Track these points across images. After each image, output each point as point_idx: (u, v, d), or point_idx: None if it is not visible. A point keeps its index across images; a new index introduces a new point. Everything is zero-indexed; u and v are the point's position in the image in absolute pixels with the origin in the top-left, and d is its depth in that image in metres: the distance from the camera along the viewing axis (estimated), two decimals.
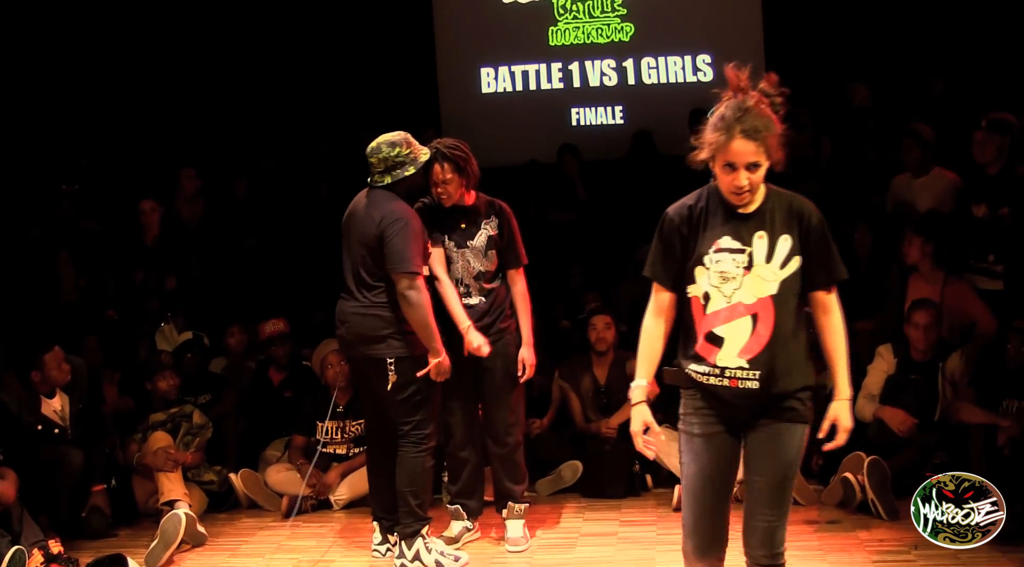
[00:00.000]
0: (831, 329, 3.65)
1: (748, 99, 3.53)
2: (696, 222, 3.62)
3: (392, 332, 5.27)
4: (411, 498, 5.37)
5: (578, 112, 11.25)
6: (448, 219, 5.62)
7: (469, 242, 5.63)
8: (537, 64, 11.27)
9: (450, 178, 5.48)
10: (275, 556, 5.84)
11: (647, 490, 6.77)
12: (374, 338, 5.29)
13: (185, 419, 6.91)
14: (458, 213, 5.64)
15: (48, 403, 6.44)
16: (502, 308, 5.68)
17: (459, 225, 5.63)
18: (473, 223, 5.65)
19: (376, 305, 5.29)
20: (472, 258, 5.62)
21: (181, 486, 6.34)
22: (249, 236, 9.37)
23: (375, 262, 5.27)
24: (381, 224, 5.22)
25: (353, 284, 5.38)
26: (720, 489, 3.75)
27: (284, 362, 7.63)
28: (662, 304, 3.71)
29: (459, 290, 5.57)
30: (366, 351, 5.33)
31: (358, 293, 5.35)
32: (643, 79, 11.13)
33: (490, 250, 5.64)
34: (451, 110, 11.21)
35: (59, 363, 6.45)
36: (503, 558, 5.62)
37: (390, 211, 5.26)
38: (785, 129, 3.52)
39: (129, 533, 6.40)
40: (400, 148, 5.32)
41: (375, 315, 5.29)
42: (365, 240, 5.28)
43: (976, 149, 7.07)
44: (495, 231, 5.66)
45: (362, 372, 5.47)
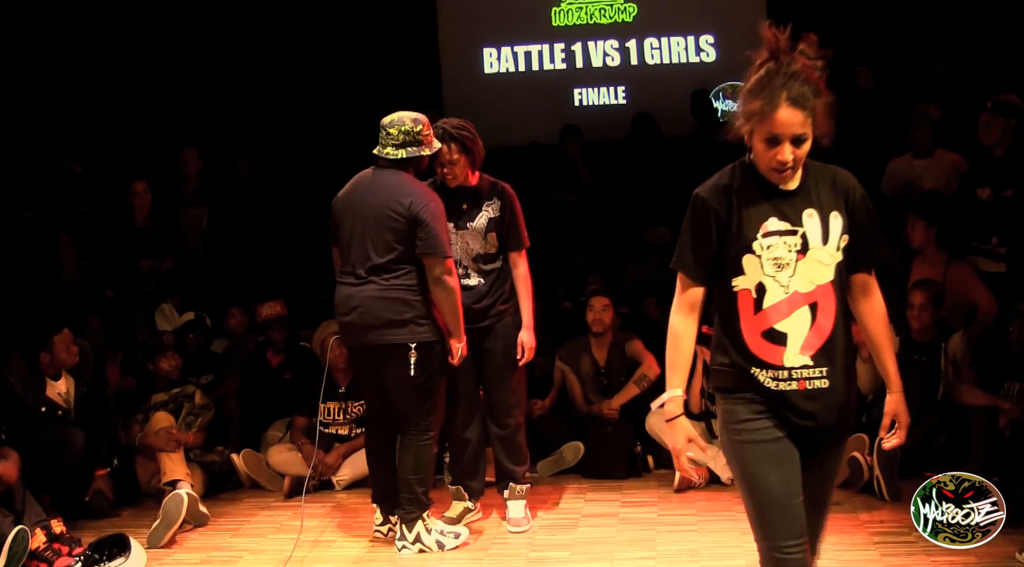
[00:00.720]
0: (876, 314, 3.29)
1: (793, 62, 3.05)
2: (733, 204, 3.13)
3: (414, 316, 5.20)
4: (417, 486, 5.34)
5: (581, 93, 11.23)
6: (450, 200, 5.54)
7: (469, 224, 5.60)
8: (540, 45, 11.25)
9: (457, 158, 5.47)
10: (277, 536, 5.85)
11: (648, 471, 6.78)
12: (394, 322, 5.18)
13: (187, 399, 6.91)
14: (460, 194, 5.60)
15: (53, 385, 6.44)
16: (502, 290, 5.65)
17: (461, 206, 5.59)
18: (475, 205, 5.62)
19: (397, 288, 5.20)
20: (471, 240, 5.59)
21: (183, 466, 6.35)
22: (251, 216, 9.36)
23: (397, 243, 5.18)
24: (413, 207, 5.14)
25: (363, 267, 5.24)
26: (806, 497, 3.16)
27: (281, 344, 7.62)
28: (694, 301, 3.22)
29: (458, 271, 5.49)
30: (384, 337, 5.20)
31: (373, 276, 5.22)
32: (646, 59, 11.11)
33: (490, 232, 5.61)
34: (453, 91, 11.19)
35: (68, 345, 6.45)
36: (504, 538, 5.62)
37: (420, 193, 5.22)
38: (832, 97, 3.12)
39: (131, 513, 6.43)
40: (422, 127, 5.29)
41: (397, 299, 5.19)
42: (389, 221, 5.17)
43: (981, 131, 7.05)
44: (496, 213, 5.62)
45: (371, 359, 5.33)
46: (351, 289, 5.28)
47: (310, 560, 5.41)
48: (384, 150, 5.29)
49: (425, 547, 5.37)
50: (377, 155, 5.33)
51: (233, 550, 5.67)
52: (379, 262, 5.21)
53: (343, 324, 5.39)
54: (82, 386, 6.56)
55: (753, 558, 5.00)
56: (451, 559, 5.34)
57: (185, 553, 5.66)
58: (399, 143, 5.26)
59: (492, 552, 5.42)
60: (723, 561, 5.09)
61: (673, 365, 3.25)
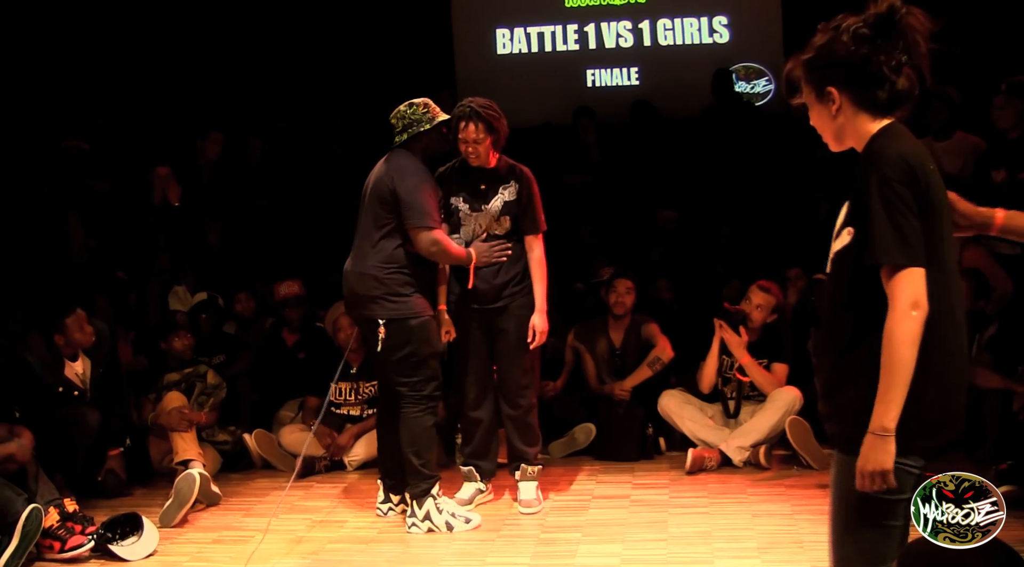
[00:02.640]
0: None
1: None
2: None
3: (383, 293, 5.27)
4: (414, 457, 5.37)
5: (593, 74, 11.19)
6: (469, 181, 5.61)
7: (484, 205, 5.60)
8: (553, 25, 11.21)
9: (482, 138, 5.47)
10: (288, 516, 5.86)
11: (660, 453, 6.78)
12: (367, 298, 5.31)
13: (199, 379, 6.93)
14: (479, 174, 5.61)
15: (71, 366, 6.45)
16: (514, 271, 5.64)
17: (479, 187, 5.61)
18: (492, 187, 5.61)
19: (373, 265, 5.30)
20: (484, 221, 5.60)
21: (195, 446, 6.37)
22: (263, 196, 9.36)
23: (384, 217, 5.29)
24: (395, 179, 5.26)
25: (360, 243, 5.40)
26: None
27: (297, 324, 7.64)
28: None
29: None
30: (363, 311, 5.37)
31: (359, 252, 5.37)
32: (659, 41, 11.06)
33: (504, 215, 5.60)
34: (466, 71, 11.16)
35: (81, 325, 6.44)
36: (516, 520, 5.63)
37: (404, 166, 5.31)
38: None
39: (144, 492, 6.45)
40: (417, 107, 5.39)
41: (369, 275, 5.30)
42: (378, 195, 5.31)
43: (996, 114, 7.02)
44: (512, 196, 5.61)
45: (367, 334, 5.46)
46: (348, 263, 5.46)
47: (322, 540, 5.42)
48: (394, 141, 5.44)
49: (435, 526, 5.37)
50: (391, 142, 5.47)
51: (245, 530, 5.68)
52: (371, 238, 5.33)
53: (344, 297, 5.59)
54: (98, 367, 6.57)
55: (765, 540, 5.06)
56: (461, 539, 5.34)
57: (197, 532, 5.68)
58: (400, 129, 5.40)
59: (504, 533, 5.42)
60: (735, 543, 5.08)
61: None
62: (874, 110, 2.77)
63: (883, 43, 2.72)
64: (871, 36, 2.73)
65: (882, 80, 2.74)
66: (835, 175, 8.73)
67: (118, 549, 5.24)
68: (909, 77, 2.76)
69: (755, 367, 6.50)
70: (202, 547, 5.43)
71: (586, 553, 5.06)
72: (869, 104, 2.77)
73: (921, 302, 2.62)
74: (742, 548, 5.01)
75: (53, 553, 5.25)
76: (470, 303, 5.64)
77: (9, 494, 5.15)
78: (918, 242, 2.64)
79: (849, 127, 2.82)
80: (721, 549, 5.03)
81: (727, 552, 4.99)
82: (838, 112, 2.82)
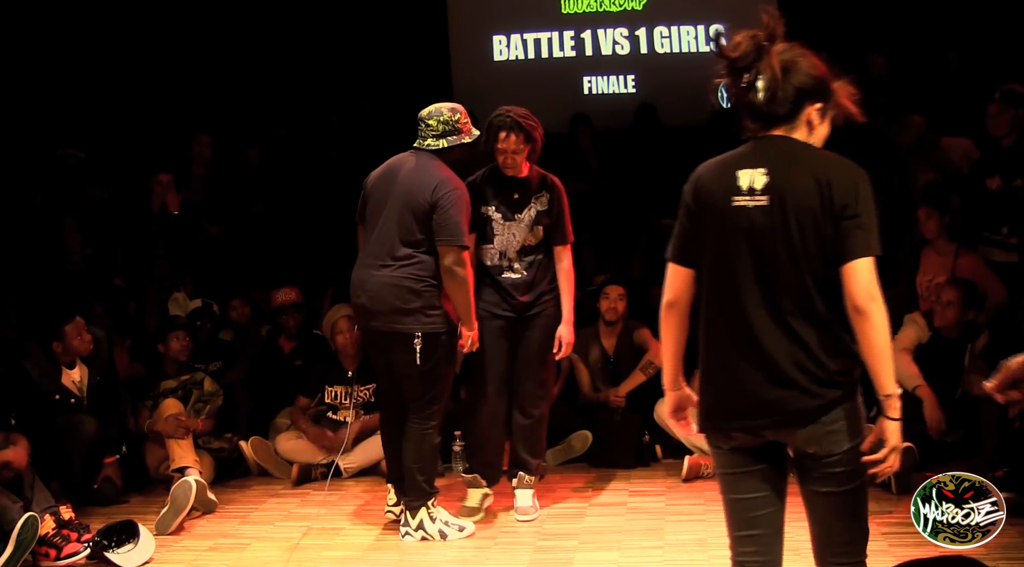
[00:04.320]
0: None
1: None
2: None
3: (421, 306, 5.18)
4: (418, 474, 5.33)
5: (590, 81, 11.18)
6: (502, 190, 5.59)
7: (517, 215, 5.58)
8: (549, 32, 11.19)
9: (521, 148, 5.45)
10: (285, 523, 5.86)
11: (656, 460, 6.78)
12: (402, 311, 5.17)
13: (196, 386, 6.93)
14: (513, 184, 5.59)
15: (68, 374, 6.44)
16: (545, 281, 5.64)
17: (512, 196, 5.58)
18: (525, 196, 5.59)
19: (408, 277, 5.19)
20: (518, 231, 5.57)
21: (192, 453, 6.36)
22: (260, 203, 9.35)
23: (419, 228, 5.17)
24: (437, 191, 5.13)
25: (384, 251, 5.24)
26: None
27: (294, 331, 7.63)
28: None
29: (502, 263, 5.58)
30: (391, 324, 5.21)
31: (391, 261, 5.22)
32: (656, 48, 11.04)
33: (537, 225, 5.58)
34: (463, 78, 11.15)
35: (80, 333, 6.43)
36: (513, 527, 5.63)
37: (445, 179, 5.18)
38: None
39: (140, 499, 6.44)
40: (460, 115, 5.32)
41: (406, 287, 5.18)
42: (413, 205, 5.16)
43: (990, 122, 7.03)
44: (545, 206, 5.59)
45: (382, 344, 5.33)
46: (366, 271, 5.27)
47: (317, 547, 5.42)
48: (424, 142, 5.31)
49: (428, 535, 5.37)
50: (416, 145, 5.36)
51: (241, 537, 5.68)
52: (400, 247, 5.19)
53: (356, 306, 5.40)
54: (96, 375, 6.57)
55: None
56: (458, 547, 5.34)
57: (193, 540, 5.67)
58: (439, 133, 5.28)
59: (500, 540, 5.43)
60: None
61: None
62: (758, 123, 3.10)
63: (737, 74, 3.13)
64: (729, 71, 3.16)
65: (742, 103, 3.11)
66: None
67: (114, 557, 5.24)
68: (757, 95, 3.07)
69: None
70: (198, 555, 5.43)
71: (582, 560, 5.06)
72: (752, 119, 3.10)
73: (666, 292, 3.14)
74: None
75: (49, 561, 5.25)
76: (495, 311, 5.61)
77: (5, 502, 5.16)
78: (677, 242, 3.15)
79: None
80: (717, 556, 5.01)
81: (724, 560, 4.91)
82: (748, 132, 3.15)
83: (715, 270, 3.05)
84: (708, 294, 3.08)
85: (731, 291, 3.02)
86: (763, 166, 3.00)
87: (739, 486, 3.16)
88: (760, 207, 2.98)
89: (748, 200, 3.00)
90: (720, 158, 3.13)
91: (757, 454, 3.11)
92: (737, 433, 3.09)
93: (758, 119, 3.07)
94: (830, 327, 2.96)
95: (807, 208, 2.93)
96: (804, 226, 2.93)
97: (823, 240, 2.93)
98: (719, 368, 3.09)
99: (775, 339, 2.97)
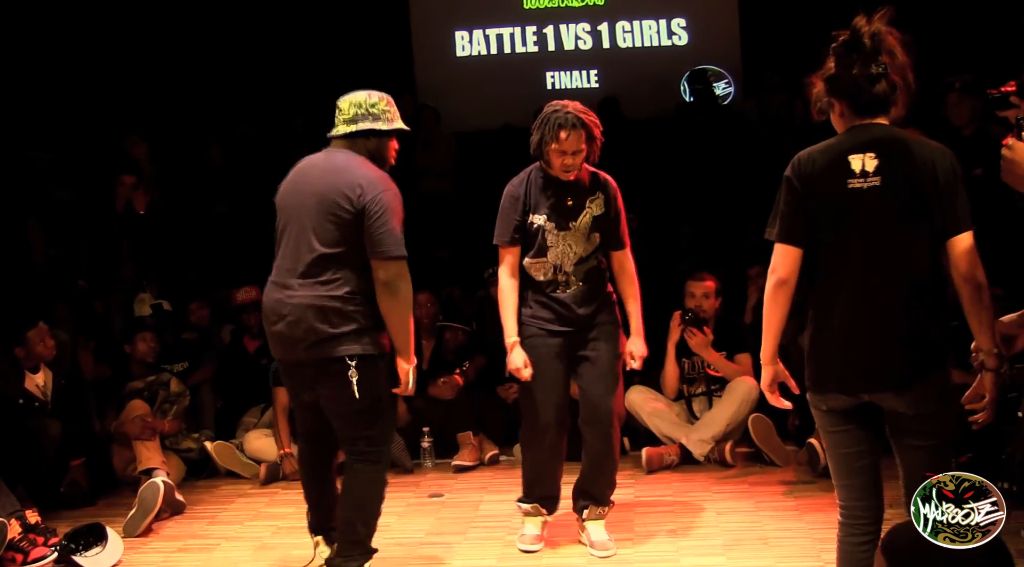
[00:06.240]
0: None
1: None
2: None
3: (354, 328, 4.32)
4: (360, 526, 4.49)
5: (553, 76, 11.23)
6: (552, 194, 4.88)
7: (571, 223, 4.88)
8: (512, 27, 11.24)
9: (583, 149, 4.77)
10: (254, 523, 5.84)
11: (624, 453, 6.78)
12: (330, 336, 4.31)
13: (162, 387, 6.89)
14: (564, 188, 4.88)
15: (32, 378, 6.40)
16: (603, 290, 5.00)
17: (565, 202, 4.88)
18: (579, 201, 4.90)
19: (333, 296, 4.32)
20: (574, 242, 4.89)
21: (159, 454, 6.33)
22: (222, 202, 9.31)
23: (342, 238, 4.31)
24: (363, 196, 4.27)
25: (299, 267, 4.36)
26: None
27: (257, 330, 7.58)
28: None
29: (557, 277, 4.90)
30: (319, 353, 4.33)
31: (307, 279, 4.34)
32: (618, 43, 11.11)
33: (593, 232, 4.91)
34: (425, 74, 11.17)
35: (43, 338, 6.40)
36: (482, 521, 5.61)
37: (372, 179, 4.33)
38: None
39: (107, 502, 6.40)
40: (382, 102, 4.50)
41: (332, 309, 4.31)
42: (335, 209, 4.30)
43: (950, 111, 7.09)
44: (601, 209, 4.92)
45: (308, 377, 4.44)
46: (282, 293, 4.40)
47: (287, 547, 5.41)
48: (335, 130, 4.52)
49: None
50: (330, 138, 4.56)
51: (210, 538, 5.66)
52: (321, 261, 4.32)
53: (272, 334, 4.48)
54: (60, 378, 6.53)
55: (729, 537, 5.10)
56: (428, 542, 5.34)
57: (162, 541, 5.65)
58: (350, 118, 4.47)
59: (470, 535, 5.43)
60: (700, 541, 5.12)
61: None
62: (859, 113, 3.35)
63: (857, 58, 3.29)
64: (845, 55, 3.31)
65: (859, 88, 3.30)
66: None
67: (82, 560, 5.21)
68: (889, 83, 3.30)
69: (723, 363, 6.54)
70: (167, 556, 5.41)
71: (552, 554, 5.07)
72: (858, 108, 3.34)
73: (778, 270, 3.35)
74: (707, 546, 5.05)
75: (15, 565, 5.20)
76: (549, 327, 4.94)
77: None
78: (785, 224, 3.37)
79: (844, 126, 3.40)
80: (686, 547, 5.06)
81: (692, 550, 5.02)
82: (840, 118, 3.40)
83: (831, 247, 3.32)
84: (823, 270, 3.35)
85: (846, 266, 3.31)
86: (872, 151, 3.29)
87: (841, 442, 3.45)
88: (874, 188, 3.28)
89: (862, 182, 3.28)
90: (823, 145, 3.37)
91: (855, 414, 3.40)
92: (840, 396, 3.38)
93: (867, 106, 3.33)
94: (934, 297, 3.30)
95: (916, 187, 3.26)
96: (914, 204, 3.26)
97: (930, 216, 3.26)
98: (829, 337, 3.36)
99: (885, 310, 3.27)
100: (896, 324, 3.27)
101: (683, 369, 6.65)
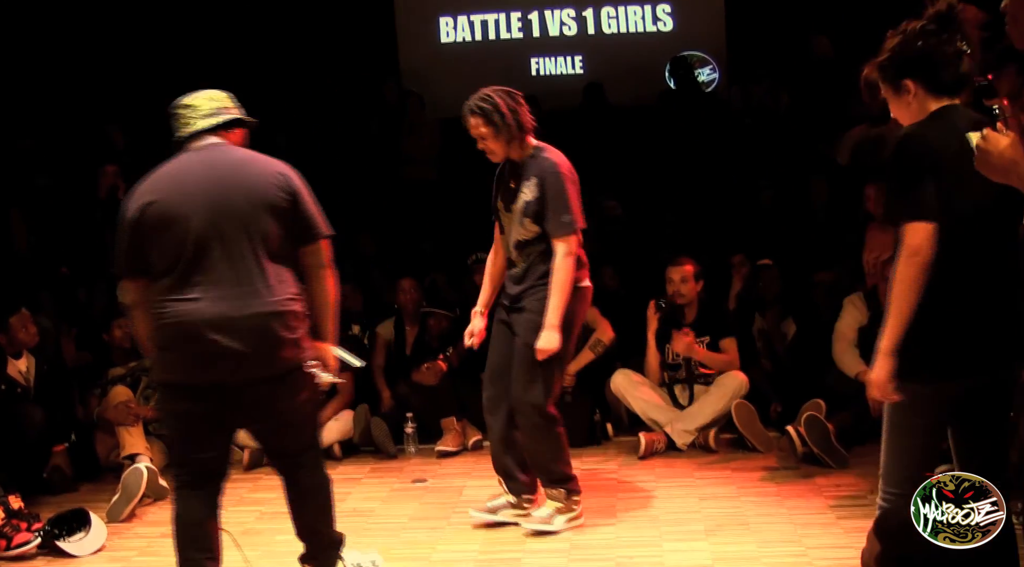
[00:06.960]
0: None
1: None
2: None
3: (300, 335, 4.01)
4: (327, 528, 4.37)
5: (538, 62, 11.21)
6: (508, 178, 5.04)
7: (512, 205, 4.98)
8: (496, 13, 11.21)
9: (484, 132, 4.92)
10: (237, 508, 5.83)
11: (608, 439, 6.82)
12: (288, 343, 3.95)
13: (145, 373, 6.87)
14: (512, 171, 5.02)
15: (14, 363, 6.39)
16: (535, 275, 4.96)
17: (509, 185, 5.01)
18: (517, 184, 4.99)
19: (287, 298, 3.96)
20: (514, 225, 4.98)
21: (142, 440, 6.32)
22: None
23: (283, 233, 3.99)
24: (288, 184, 4.02)
25: (239, 275, 3.89)
26: None
27: None
28: None
29: (510, 257, 5.06)
30: (278, 364, 3.94)
31: (255, 285, 3.90)
32: (603, 29, 11.09)
33: (526, 217, 4.92)
34: (410, 60, 11.13)
35: (25, 325, 6.39)
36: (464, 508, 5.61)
37: (284, 168, 4.10)
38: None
39: (91, 488, 6.39)
40: (227, 96, 4.27)
41: (290, 312, 3.96)
42: (269, 204, 3.96)
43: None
44: (533, 195, 4.91)
45: (262, 397, 3.97)
46: (223, 307, 3.86)
47: (270, 532, 5.41)
48: (195, 125, 4.11)
49: None
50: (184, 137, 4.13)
51: None
52: (267, 263, 3.94)
53: (202, 356, 3.87)
54: (43, 364, 6.51)
55: (712, 522, 5.12)
56: (411, 529, 5.36)
57: (145, 527, 5.65)
58: (208, 112, 4.13)
59: (453, 521, 5.44)
60: (682, 526, 5.14)
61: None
62: (940, 92, 3.30)
63: (946, 36, 3.27)
64: (936, 31, 3.27)
65: (947, 65, 3.28)
66: (777, 162, 8.86)
67: (66, 545, 5.21)
68: (968, 62, 3.31)
69: (711, 357, 6.54)
70: (151, 542, 5.40)
71: (535, 539, 5.09)
72: (937, 87, 3.30)
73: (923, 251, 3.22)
74: (689, 531, 5.07)
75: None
76: (502, 300, 5.15)
77: None
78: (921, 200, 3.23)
79: (918, 108, 3.33)
80: (669, 532, 5.08)
81: (675, 535, 5.05)
82: (913, 99, 3.33)
83: (964, 223, 3.24)
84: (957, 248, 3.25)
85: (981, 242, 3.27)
86: (976, 130, 3.20)
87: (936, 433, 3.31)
88: None
89: None
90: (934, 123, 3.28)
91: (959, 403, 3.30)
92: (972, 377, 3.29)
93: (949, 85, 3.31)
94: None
95: None
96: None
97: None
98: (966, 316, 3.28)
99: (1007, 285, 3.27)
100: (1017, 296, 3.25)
101: (664, 356, 6.66)
